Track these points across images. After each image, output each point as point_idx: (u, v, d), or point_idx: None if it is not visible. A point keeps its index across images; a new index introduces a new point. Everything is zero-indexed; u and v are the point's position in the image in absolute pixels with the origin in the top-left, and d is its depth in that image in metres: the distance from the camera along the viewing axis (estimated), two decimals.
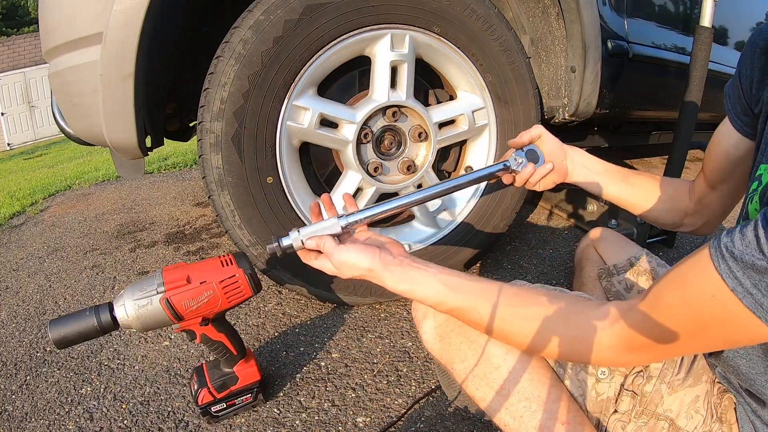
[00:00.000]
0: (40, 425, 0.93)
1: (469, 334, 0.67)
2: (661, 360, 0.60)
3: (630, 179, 0.86)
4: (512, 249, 1.61)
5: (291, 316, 1.25)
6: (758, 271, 0.38)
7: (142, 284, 0.75)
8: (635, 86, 1.53)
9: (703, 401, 0.58)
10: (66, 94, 1.08)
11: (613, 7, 1.38)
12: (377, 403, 0.93)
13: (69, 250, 1.89)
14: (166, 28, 1.03)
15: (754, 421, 0.54)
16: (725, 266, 0.40)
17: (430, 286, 0.60)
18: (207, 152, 1.01)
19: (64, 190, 3.14)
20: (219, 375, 0.89)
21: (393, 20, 1.06)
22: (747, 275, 0.39)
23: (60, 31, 1.01)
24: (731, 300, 0.40)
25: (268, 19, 0.96)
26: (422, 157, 1.21)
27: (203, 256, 1.71)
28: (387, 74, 1.09)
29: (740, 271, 0.39)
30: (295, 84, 1.02)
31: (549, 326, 0.55)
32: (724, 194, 0.76)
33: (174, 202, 2.50)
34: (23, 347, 1.21)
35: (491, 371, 0.64)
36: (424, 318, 0.73)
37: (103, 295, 1.47)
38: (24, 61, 10.42)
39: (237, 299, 0.80)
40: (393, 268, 0.62)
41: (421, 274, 0.61)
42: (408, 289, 0.61)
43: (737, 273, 0.40)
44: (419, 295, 0.61)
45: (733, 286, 0.40)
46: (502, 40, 1.18)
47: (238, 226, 1.06)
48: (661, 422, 0.58)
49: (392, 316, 1.23)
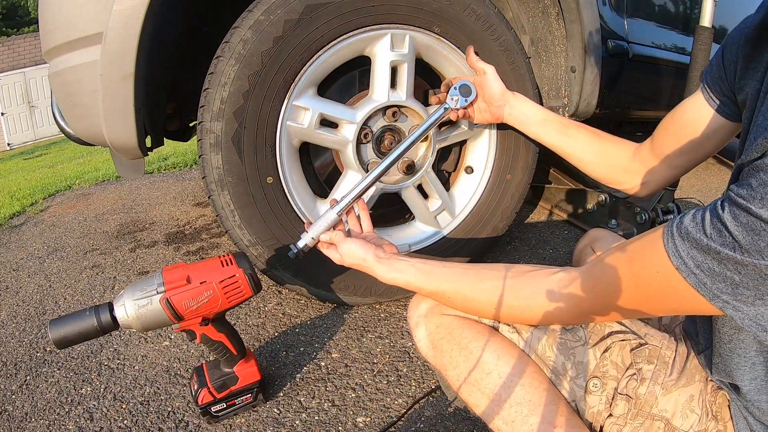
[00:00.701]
0: (40, 425, 0.93)
1: (460, 341, 0.67)
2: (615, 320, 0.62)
3: (568, 131, 0.90)
4: (512, 249, 1.61)
5: (291, 316, 1.25)
6: (701, 251, 0.41)
7: (142, 284, 0.75)
8: (635, 86, 1.54)
9: (698, 400, 0.58)
10: (66, 94, 1.08)
11: (613, 7, 1.38)
12: (377, 403, 0.93)
13: (69, 250, 1.89)
14: (166, 28, 1.03)
15: (747, 417, 0.55)
16: (672, 245, 0.43)
17: (409, 273, 0.68)
18: (207, 152, 1.01)
19: (64, 190, 3.14)
20: (219, 375, 0.89)
21: (393, 20, 1.06)
22: (691, 255, 0.42)
23: (60, 31, 1.01)
24: (675, 276, 0.43)
25: (268, 19, 0.96)
26: (422, 157, 1.21)
27: (203, 256, 1.71)
28: (387, 74, 1.09)
29: (685, 251, 0.42)
30: (295, 84, 1.02)
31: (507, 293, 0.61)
32: (674, 165, 0.77)
33: (174, 202, 2.50)
34: (23, 347, 1.21)
35: (483, 377, 0.64)
36: (417, 326, 0.73)
37: (103, 295, 1.47)
38: (24, 61, 10.43)
39: (237, 299, 0.80)
40: (383, 261, 0.71)
41: (403, 265, 0.69)
42: (393, 278, 0.69)
43: (682, 252, 0.42)
44: (402, 282, 0.69)
45: (678, 265, 0.43)
46: (502, 40, 1.18)
47: (238, 226, 1.06)
48: (657, 423, 0.58)
49: (392, 316, 1.23)
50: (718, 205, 0.40)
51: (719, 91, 0.65)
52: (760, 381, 0.51)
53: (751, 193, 0.37)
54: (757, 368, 0.51)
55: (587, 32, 1.22)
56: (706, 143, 0.70)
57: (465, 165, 1.33)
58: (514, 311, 0.61)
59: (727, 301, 0.41)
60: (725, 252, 0.39)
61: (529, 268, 0.62)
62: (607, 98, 1.43)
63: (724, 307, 0.41)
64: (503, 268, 0.63)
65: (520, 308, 0.61)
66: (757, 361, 0.51)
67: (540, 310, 0.58)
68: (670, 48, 1.60)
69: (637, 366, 0.60)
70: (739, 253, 0.38)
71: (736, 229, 0.38)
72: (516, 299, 0.60)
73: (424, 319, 0.73)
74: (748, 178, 0.39)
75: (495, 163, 1.28)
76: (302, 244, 0.84)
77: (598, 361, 0.61)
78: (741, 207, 0.38)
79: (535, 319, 0.60)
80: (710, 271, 0.41)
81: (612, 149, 0.87)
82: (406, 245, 1.23)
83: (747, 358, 0.51)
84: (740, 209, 0.38)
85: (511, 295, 0.61)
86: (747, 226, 0.37)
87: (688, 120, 0.71)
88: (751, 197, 0.37)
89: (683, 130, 0.72)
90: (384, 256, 0.72)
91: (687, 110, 0.71)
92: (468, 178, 1.32)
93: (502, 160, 1.28)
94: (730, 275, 0.40)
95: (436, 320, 0.71)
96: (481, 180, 1.30)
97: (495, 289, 0.61)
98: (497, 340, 0.66)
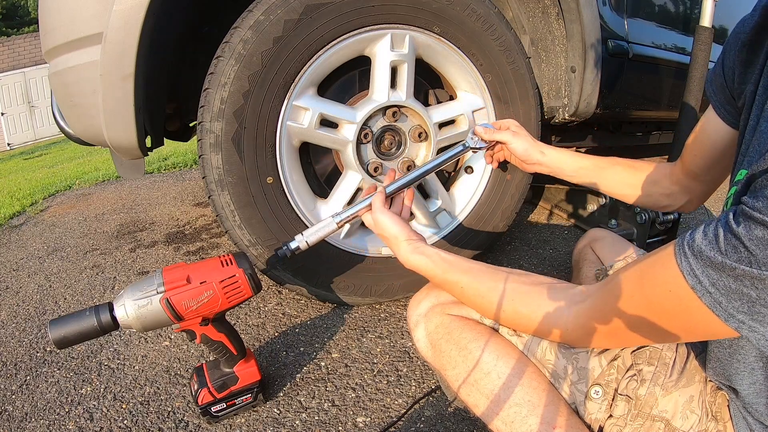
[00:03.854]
0: (40, 425, 0.93)
1: (459, 341, 0.67)
2: (623, 347, 0.61)
3: (603, 172, 0.89)
4: (512, 249, 1.61)
5: (291, 316, 1.25)
6: (716, 269, 0.39)
7: (142, 284, 0.75)
8: (635, 86, 1.54)
9: (698, 401, 0.58)
10: (66, 95, 1.08)
11: (613, 7, 1.38)
12: (377, 403, 0.93)
13: (69, 250, 1.89)
14: (166, 28, 1.03)
15: (746, 417, 0.55)
16: (686, 263, 0.42)
17: (433, 258, 0.70)
18: (207, 152, 1.01)
19: (64, 190, 3.14)
20: (219, 375, 0.89)
21: (393, 20, 1.06)
22: (706, 273, 0.40)
23: (60, 31, 1.01)
24: (688, 296, 0.42)
25: (268, 19, 0.96)
26: (422, 157, 1.21)
27: (203, 256, 1.71)
28: (387, 74, 1.09)
29: (700, 269, 0.40)
30: (295, 84, 1.02)
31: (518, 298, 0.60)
32: (708, 180, 0.76)
33: (174, 202, 2.50)
34: (23, 347, 1.21)
35: (482, 377, 0.64)
36: (416, 326, 0.73)
37: (103, 295, 1.47)
38: (24, 61, 10.43)
39: (237, 299, 0.80)
40: (411, 242, 0.74)
41: (429, 250, 0.72)
42: (415, 259, 0.71)
43: (697, 271, 0.41)
44: (422, 264, 0.70)
45: (693, 284, 0.41)
46: (502, 40, 1.18)
47: (238, 226, 1.06)
48: (657, 423, 0.58)
49: (392, 316, 1.23)
50: (730, 219, 0.39)
51: (724, 100, 0.64)
52: (759, 385, 0.51)
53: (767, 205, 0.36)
54: (756, 373, 0.51)
55: (587, 32, 1.22)
56: (726, 156, 0.69)
57: (465, 165, 1.33)
58: (520, 318, 0.61)
59: (742, 321, 0.39)
60: (741, 268, 0.38)
61: (549, 280, 0.62)
62: (607, 98, 1.43)
63: (740, 328, 0.40)
64: (523, 274, 0.63)
65: (526, 315, 0.60)
66: (756, 366, 0.51)
67: (545, 321, 0.58)
68: (670, 48, 1.60)
69: (637, 367, 0.60)
70: (756, 268, 0.37)
71: (751, 243, 0.37)
72: (526, 306, 0.60)
73: (424, 319, 0.73)
74: (762, 190, 0.37)
75: None
76: (294, 246, 0.84)
77: (605, 369, 0.61)
78: (756, 220, 0.37)
79: (539, 330, 0.59)
80: (726, 288, 0.39)
81: (648, 178, 0.85)
82: None
83: (746, 363, 0.51)
84: (755, 222, 0.37)
85: (522, 300, 0.60)
86: (763, 240, 0.36)
87: (707, 137, 0.70)
88: (766, 209, 0.36)
89: (704, 147, 0.71)
90: (414, 238, 0.75)
91: (704, 128, 0.70)
92: (468, 178, 1.32)
93: None
94: (746, 291, 0.38)
95: (435, 320, 0.72)
96: (481, 180, 1.30)
97: (508, 290, 0.61)
98: (497, 341, 0.66)
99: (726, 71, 0.62)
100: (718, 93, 0.65)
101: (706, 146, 0.70)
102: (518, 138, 0.94)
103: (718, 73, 0.64)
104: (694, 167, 0.75)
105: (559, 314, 0.56)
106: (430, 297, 0.75)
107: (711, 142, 0.69)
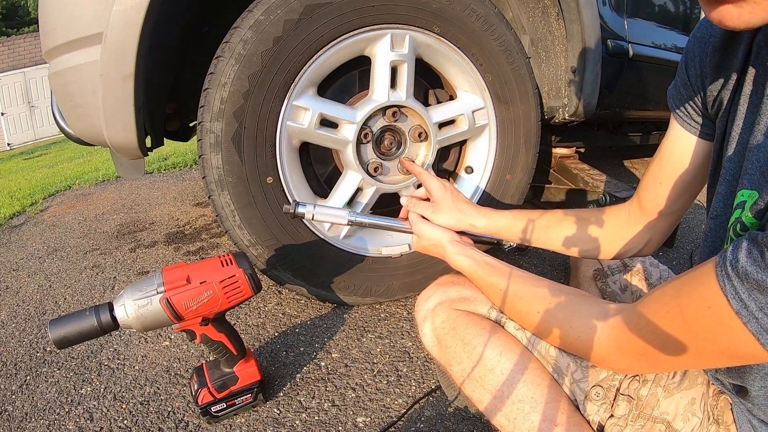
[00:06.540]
0: (40, 425, 0.93)
1: (464, 337, 0.67)
2: (655, 371, 0.58)
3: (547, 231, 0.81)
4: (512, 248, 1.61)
5: (291, 316, 1.25)
6: (763, 292, 0.37)
7: (142, 284, 0.75)
8: (635, 86, 1.53)
9: (700, 403, 0.58)
10: (66, 95, 1.08)
11: (613, 7, 1.38)
12: (377, 403, 0.93)
13: (69, 250, 1.89)
14: (166, 28, 1.03)
15: (751, 420, 0.54)
16: (731, 287, 0.39)
17: (478, 261, 0.72)
18: (207, 152, 1.01)
19: (64, 190, 3.14)
20: (219, 375, 0.89)
21: (393, 20, 1.06)
22: (753, 297, 0.37)
23: (60, 31, 1.01)
24: (731, 319, 0.39)
25: (268, 19, 0.96)
26: (422, 157, 1.21)
27: (203, 256, 1.71)
28: (387, 74, 1.08)
29: (746, 293, 0.38)
30: (295, 84, 1.02)
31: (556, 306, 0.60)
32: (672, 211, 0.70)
33: (174, 202, 2.50)
34: (23, 347, 1.21)
35: (486, 373, 0.64)
36: (424, 321, 0.73)
37: (103, 295, 1.47)
38: (24, 61, 10.43)
39: (237, 299, 0.80)
40: (457, 244, 0.77)
41: (475, 253, 0.74)
42: (461, 260, 0.74)
43: (743, 295, 0.38)
44: (467, 265, 0.73)
45: (738, 309, 0.38)
46: (502, 40, 1.18)
47: (238, 226, 1.06)
48: (658, 425, 0.58)
49: (392, 316, 1.23)
50: None
51: (694, 111, 0.61)
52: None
53: None
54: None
55: (587, 32, 1.22)
56: (701, 174, 0.64)
57: (465, 165, 1.33)
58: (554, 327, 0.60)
59: None
60: None
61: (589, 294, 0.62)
62: (607, 98, 1.43)
63: None
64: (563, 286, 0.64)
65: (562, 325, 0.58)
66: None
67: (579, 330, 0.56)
68: (670, 48, 1.60)
69: None
70: None
71: None
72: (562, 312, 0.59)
73: (431, 314, 0.73)
74: None
75: (495, 163, 1.28)
76: (302, 211, 0.84)
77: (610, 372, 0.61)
78: None
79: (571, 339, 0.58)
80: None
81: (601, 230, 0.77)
82: (406, 246, 1.23)
83: (760, 366, 0.50)
84: None
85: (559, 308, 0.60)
86: None
87: (677, 158, 0.65)
88: None
89: (673, 171, 0.66)
90: (459, 241, 0.78)
91: (671, 150, 0.66)
92: (468, 178, 1.32)
93: (502, 160, 1.28)
94: None
95: (442, 315, 0.72)
96: (481, 180, 1.30)
97: (546, 296, 0.62)
98: (500, 336, 0.66)
99: (692, 80, 0.59)
100: (685, 107, 0.61)
101: (677, 169, 0.66)
102: (440, 213, 0.83)
103: (684, 84, 0.61)
104: (659, 199, 0.69)
105: (593, 325, 0.54)
106: (438, 293, 0.76)
107: (681, 162, 0.65)
